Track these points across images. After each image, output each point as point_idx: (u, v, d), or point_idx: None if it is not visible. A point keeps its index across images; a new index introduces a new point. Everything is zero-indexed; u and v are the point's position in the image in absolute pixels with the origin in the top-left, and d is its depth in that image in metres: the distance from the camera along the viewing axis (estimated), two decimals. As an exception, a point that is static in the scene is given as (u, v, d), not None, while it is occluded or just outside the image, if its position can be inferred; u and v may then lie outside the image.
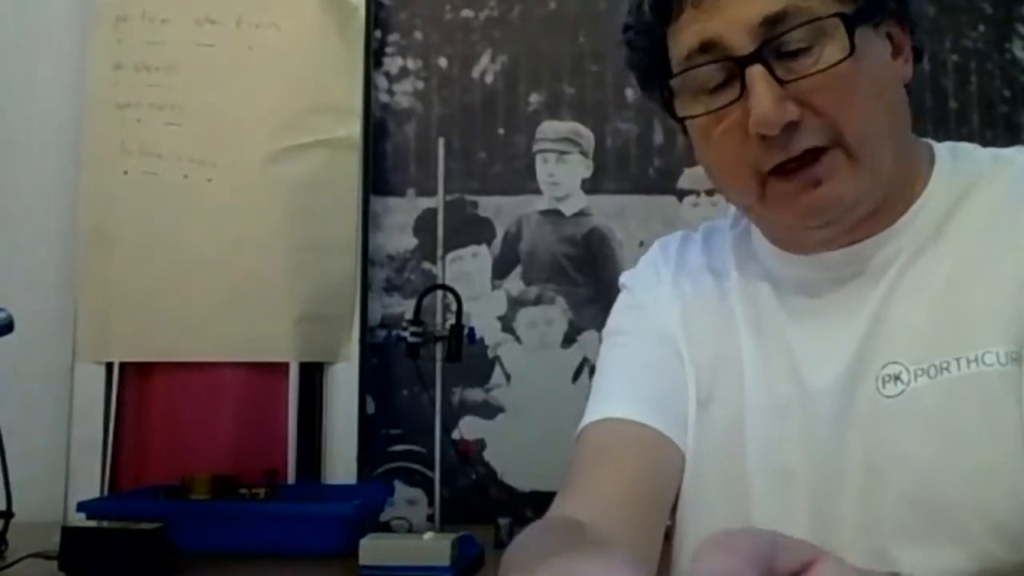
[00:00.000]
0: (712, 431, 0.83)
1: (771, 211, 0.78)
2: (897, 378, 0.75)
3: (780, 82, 0.72)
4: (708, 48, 0.74)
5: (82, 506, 1.70)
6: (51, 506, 1.93)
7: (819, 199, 0.74)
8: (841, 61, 0.71)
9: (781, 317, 0.83)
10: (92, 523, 1.62)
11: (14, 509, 1.65)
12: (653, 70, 0.80)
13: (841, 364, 0.78)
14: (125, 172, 2.06)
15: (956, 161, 0.81)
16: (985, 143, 0.84)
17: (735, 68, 0.73)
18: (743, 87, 0.72)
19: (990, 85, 2.08)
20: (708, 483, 0.83)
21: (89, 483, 1.97)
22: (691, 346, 0.87)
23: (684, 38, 0.75)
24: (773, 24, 0.72)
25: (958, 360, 0.73)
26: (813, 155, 0.73)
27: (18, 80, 2.14)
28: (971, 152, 0.82)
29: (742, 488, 0.80)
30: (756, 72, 0.72)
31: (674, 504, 0.86)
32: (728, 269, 0.89)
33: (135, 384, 2.04)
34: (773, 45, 0.72)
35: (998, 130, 2.06)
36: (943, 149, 0.83)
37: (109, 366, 2.04)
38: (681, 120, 0.79)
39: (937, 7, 2.10)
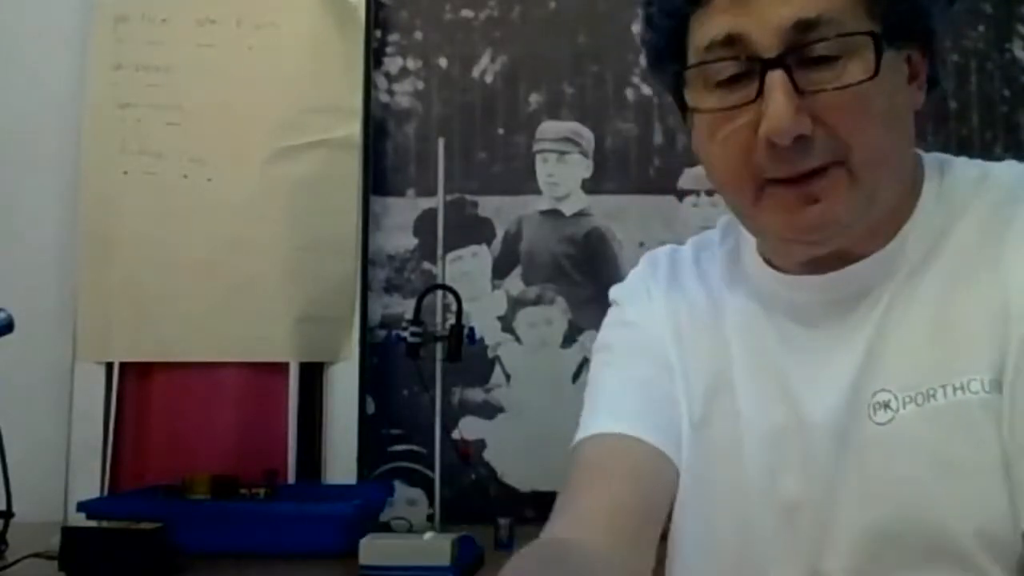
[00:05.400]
0: (711, 453, 0.83)
1: (765, 216, 0.76)
2: (887, 405, 0.74)
3: (799, 92, 0.70)
4: (732, 42, 0.72)
5: (82, 506, 1.70)
6: (51, 506, 1.93)
7: (814, 217, 0.73)
8: (864, 81, 0.70)
9: (774, 343, 0.82)
10: (92, 523, 1.62)
11: (14, 509, 1.65)
12: (667, 52, 0.78)
13: (838, 395, 0.77)
14: (125, 172, 2.07)
15: (944, 180, 0.80)
16: (985, 143, 0.84)
17: (755, 67, 0.71)
18: (760, 89, 0.70)
19: (990, 85, 2.08)
20: (708, 507, 0.82)
21: (89, 483, 1.97)
22: (685, 365, 0.86)
23: (710, 27, 0.73)
24: (804, 30, 0.70)
25: (944, 387, 0.72)
26: (816, 171, 0.72)
27: (18, 80, 2.14)
28: (959, 170, 0.81)
29: (743, 514, 0.80)
30: (777, 77, 0.70)
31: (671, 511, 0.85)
32: (720, 288, 0.87)
33: (135, 384, 2.04)
34: (799, 52, 0.70)
35: (998, 130, 2.05)
36: (932, 165, 0.81)
37: (109, 366, 2.04)
38: (686, 108, 0.78)
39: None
